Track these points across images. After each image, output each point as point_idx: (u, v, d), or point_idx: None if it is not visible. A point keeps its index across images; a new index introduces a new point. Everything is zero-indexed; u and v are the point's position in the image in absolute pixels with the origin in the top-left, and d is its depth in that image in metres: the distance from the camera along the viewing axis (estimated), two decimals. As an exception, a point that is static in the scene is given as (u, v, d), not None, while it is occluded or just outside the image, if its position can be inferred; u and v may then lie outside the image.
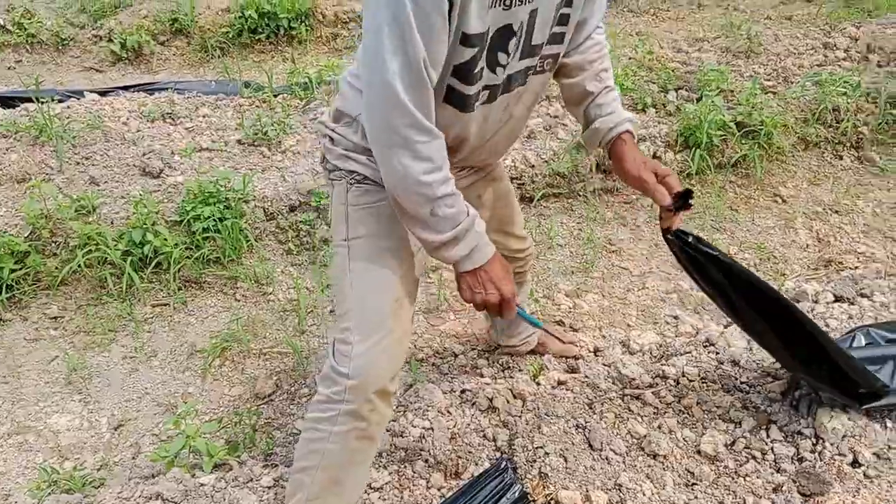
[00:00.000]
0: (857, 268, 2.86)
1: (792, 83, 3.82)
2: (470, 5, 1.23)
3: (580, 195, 3.29)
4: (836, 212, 3.21)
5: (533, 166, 3.22)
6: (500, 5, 1.28)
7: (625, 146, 1.57)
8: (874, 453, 1.85)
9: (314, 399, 1.64)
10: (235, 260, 2.85)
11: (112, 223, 2.80)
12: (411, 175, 1.32)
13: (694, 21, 5.29)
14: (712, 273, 1.67)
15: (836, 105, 3.58)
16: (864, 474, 1.82)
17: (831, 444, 1.86)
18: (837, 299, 2.55)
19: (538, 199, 3.23)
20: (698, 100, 3.60)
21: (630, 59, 4.16)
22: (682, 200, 1.51)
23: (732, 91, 3.65)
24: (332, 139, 1.58)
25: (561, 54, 1.53)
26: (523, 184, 3.22)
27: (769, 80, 3.87)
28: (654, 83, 3.82)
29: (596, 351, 2.47)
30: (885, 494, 1.77)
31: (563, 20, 1.45)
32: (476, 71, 1.35)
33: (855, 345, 2.02)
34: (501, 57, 1.36)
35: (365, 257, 1.57)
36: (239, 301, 2.76)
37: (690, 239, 1.61)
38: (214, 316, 2.70)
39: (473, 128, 1.48)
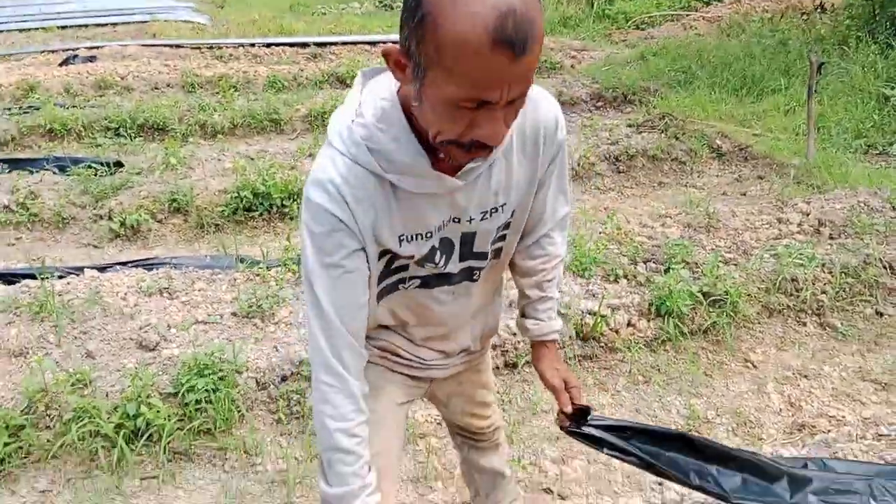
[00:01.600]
0: (829, 431, 2.97)
1: (751, 255, 4.13)
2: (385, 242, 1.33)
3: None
4: (805, 376, 3.37)
5: (515, 334, 3.38)
6: (419, 238, 1.36)
7: (546, 351, 1.70)
8: None
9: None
10: (226, 431, 2.88)
11: (107, 395, 2.86)
12: (317, 414, 1.38)
13: (656, 198, 5.76)
14: (628, 442, 1.71)
15: (794, 275, 3.86)
16: None
17: None
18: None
19: (521, 366, 3.36)
20: (665, 271, 3.87)
21: (601, 233, 4.50)
22: (581, 414, 1.64)
23: (696, 263, 3.94)
24: None
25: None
26: (506, 351, 3.36)
27: (729, 252, 4.19)
28: (624, 255, 4.11)
29: (583, 519, 2.49)
30: None
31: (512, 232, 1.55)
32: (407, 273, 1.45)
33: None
34: (429, 267, 1.45)
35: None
36: (227, 472, 2.76)
37: (588, 419, 1.65)
38: (203, 489, 2.69)
39: (434, 306, 1.55)
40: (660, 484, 2.71)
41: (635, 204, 5.74)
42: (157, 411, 2.74)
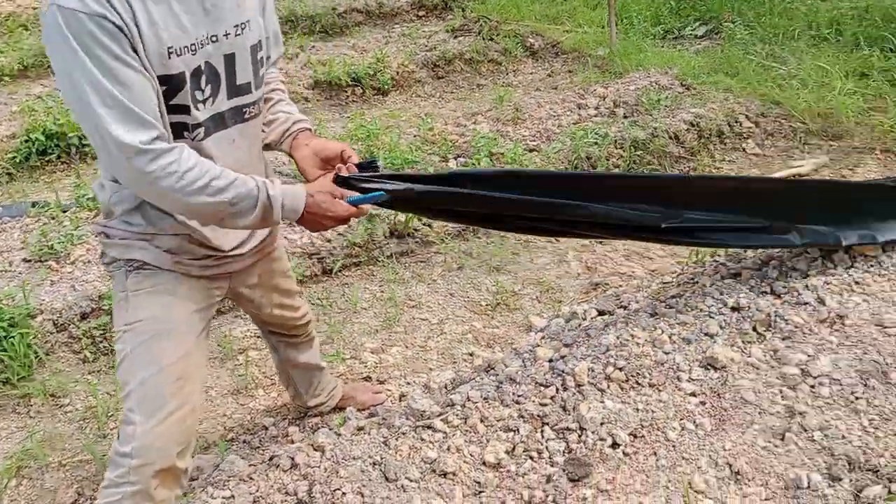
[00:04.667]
0: (620, 286, 3.28)
1: (553, 141, 4.36)
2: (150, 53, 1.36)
3: (379, 261, 3.51)
4: (601, 242, 3.67)
5: (329, 240, 3.42)
6: (185, 52, 1.42)
7: (310, 133, 1.79)
8: (629, 433, 2.14)
9: (101, 486, 1.65)
10: (27, 377, 2.74)
11: None
12: (182, 189, 1.39)
13: (474, 100, 5.88)
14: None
15: (590, 153, 4.13)
16: (623, 452, 2.09)
17: (592, 433, 2.13)
18: (600, 313, 2.92)
19: (339, 271, 3.41)
20: (474, 164, 4.02)
21: (415, 136, 4.56)
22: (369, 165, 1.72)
23: (502, 153, 4.11)
24: (106, 234, 1.64)
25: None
26: (323, 258, 3.40)
27: (534, 140, 4.40)
28: (436, 154, 4.21)
29: (401, 397, 2.63)
30: (641, 466, 2.04)
31: (261, 63, 1.63)
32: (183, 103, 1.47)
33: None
34: (199, 94, 1.50)
35: (145, 340, 1.62)
36: (34, 418, 2.64)
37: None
38: (8, 437, 2.56)
39: (218, 156, 1.56)
40: (471, 354, 2.91)
41: (455, 107, 5.85)
42: (-58, 369, 2.55)
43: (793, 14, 6.48)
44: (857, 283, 2.81)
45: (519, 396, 2.32)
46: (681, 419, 2.20)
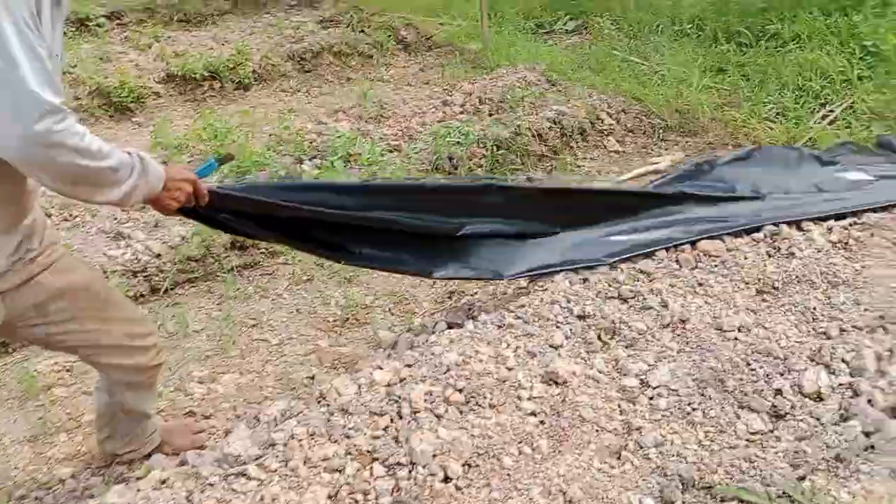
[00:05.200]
0: (475, 293, 3.15)
1: (417, 140, 4.19)
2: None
3: (217, 276, 3.22)
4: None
5: (159, 255, 3.09)
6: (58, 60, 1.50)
7: None
8: (463, 464, 2.00)
9: None
10: None
11: None
12: (81, 150, 1.43)
13: (341, 95, 5.63)
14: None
15: (452, 153, 3.99)
16: (455, 486, 1.94)
17: (423, 466, 1.96)
18: (450, 326, 2.77)
19: (169, 289, 3.10)
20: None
21: (270, 135, 4.27)
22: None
23: (359, 154, 3.90)
24: None
25: None
26: (150, 275, 3.07)
27: (396, 139, 4.21)
28: (290, 155, 3.94)
29: (227, 433, 2.38)
30: (472, 501, 1.90)
31: None
32: None
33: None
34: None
35: None
36: None
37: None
38: None
39: None
40: (311, 378, 2.69)
41: (322, 103, 5.57)
42: None
43: (658, 9, 6.61)
44: (700, 284, 2.80)
45: (350, 430, 2.12)
46: (519, 443, 2.07)
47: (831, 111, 4.61)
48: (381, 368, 2.45)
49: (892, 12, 5.41)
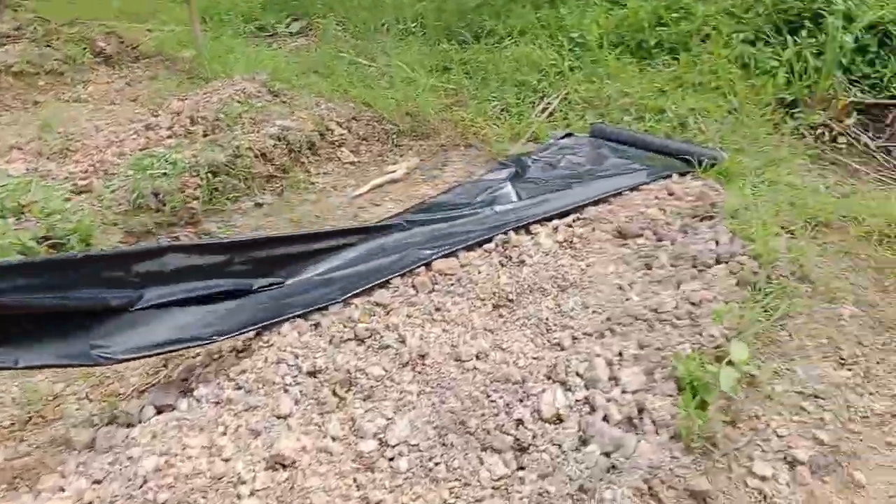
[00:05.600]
0: (196, 355, 2.70)
1: (113, 175, 3.56)
2: None
3: None
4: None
5: None
6: None
7: None
8: None
9: None
10: None
11: None
12: None
13: (26, 123, 4.70)
14: None
15: (158, 188, 3.44)
16: None
17: None
18: (159, 411, 2.30)
19: None
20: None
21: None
22: None
23: (35, 202, 3.19)
24: None
25: None
26: None
27: (86, 177, 3.55)
28: (-62, 214, 3.11)
29: None
30: None
31: None
32: None
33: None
34: None
35: None
36: None
37: None
38: None
39: None
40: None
41: (5, 135, 4.60)
42: None
43: (381, 8, 6.49)
44: (437, 309, 2.64)
45: None
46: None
47: (550, 103, 4.79)
48: (62, 490, 1.93)
49: (594, 3, 5.81)
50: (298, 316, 2.50)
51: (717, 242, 2.95)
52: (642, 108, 4.51)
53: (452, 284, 2.78)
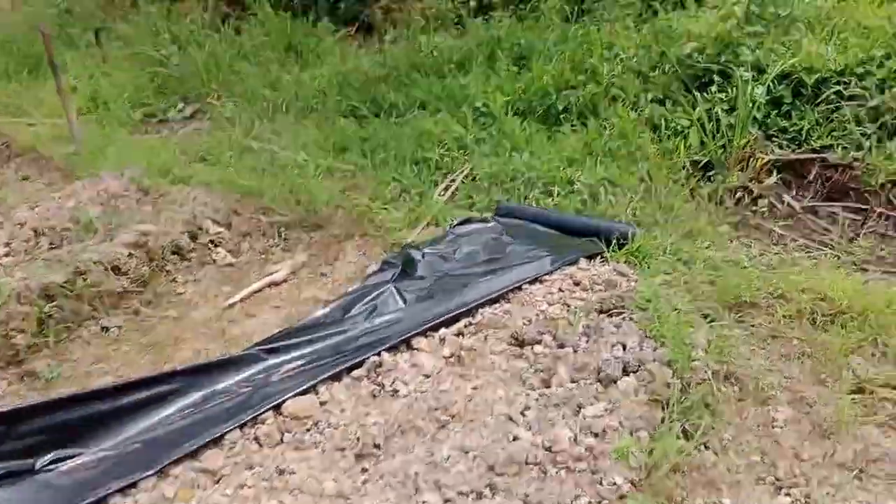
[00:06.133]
0: None
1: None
2: None
3: None
4: None
5: None
6: None
7: None
8: None
9: None
10: None
11: None
12: None
13: None
14: None
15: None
16: None
17: None
18: None
19: None
20: None
21: None
22: None
23: None
24: None
25: None
26: None
27: None
28: None
29: None
30: None
31: None
32: None
33: None
34: None
35: None
36: None
37: None
38: None
39: None
40: None
41: None
42: None
43: (281, 85, 6.11)
44: (281, 472, 2.11)
45: None
46: None
47: (453, 180, 4.40)
48: None
49: (499, 69, 5.51)
50: (96, 502, 1.95)
51: (624, 347, 2.52)
52: (551, 181, 4.14)
53: (307, 431, 2.26)
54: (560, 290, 3.01)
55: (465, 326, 2.78)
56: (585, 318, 2.75)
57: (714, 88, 4.21)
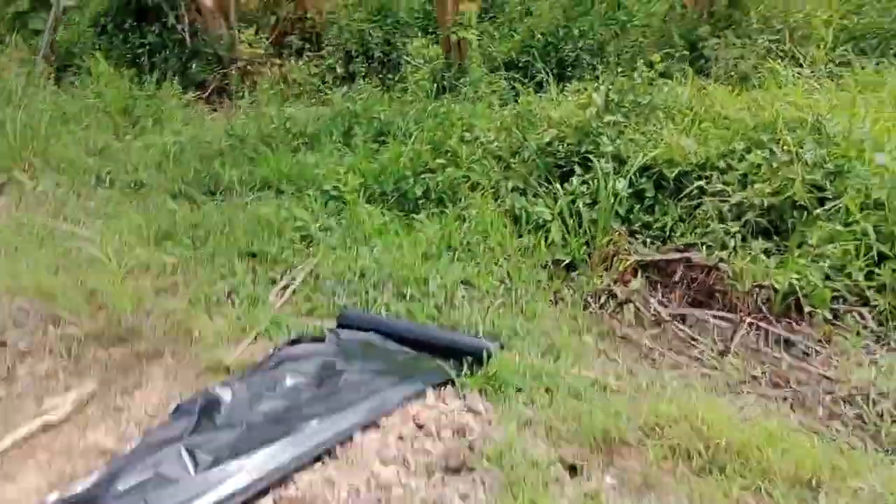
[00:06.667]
0: None
1: None
2: None
3: None
4: None
5: None
6: None
7: None
8: None
9: None
10: None
11: None
12: None
13: None
14: None
15: None
16: None
17: None
18: None
19: None
20: None
21: None
22: None
23: None
24: None
25: None
26: None
27: None
28: None
29: None
30: None
31: None
32: None
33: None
34: None
35: None
36: None
37: None
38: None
39: None
40: None
41: None
42: None
43: (107, 154, 5.35)
44: None
45: None
46: None
47: (293, 279, 3.82)
48: None
49: (354, 146, 5.06)
50: None
51: (470, 531, 2.01)
52: (404, 281, 3.66)
53: None
54: (400, 437, 2.49)
55: (275, 502, 2.20)
56: (427, 482, 2.24)
57: (575, 180, 3.94)
